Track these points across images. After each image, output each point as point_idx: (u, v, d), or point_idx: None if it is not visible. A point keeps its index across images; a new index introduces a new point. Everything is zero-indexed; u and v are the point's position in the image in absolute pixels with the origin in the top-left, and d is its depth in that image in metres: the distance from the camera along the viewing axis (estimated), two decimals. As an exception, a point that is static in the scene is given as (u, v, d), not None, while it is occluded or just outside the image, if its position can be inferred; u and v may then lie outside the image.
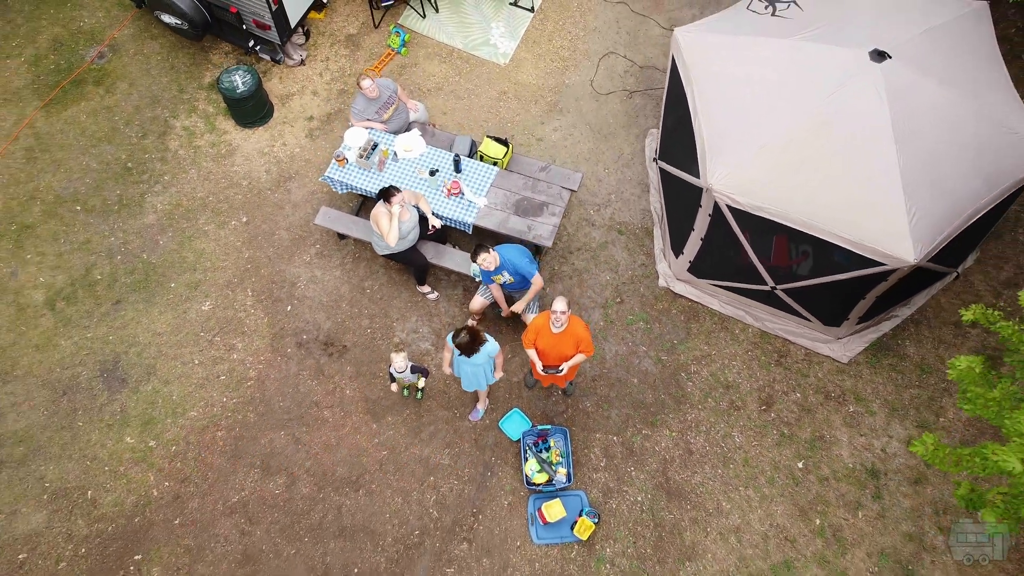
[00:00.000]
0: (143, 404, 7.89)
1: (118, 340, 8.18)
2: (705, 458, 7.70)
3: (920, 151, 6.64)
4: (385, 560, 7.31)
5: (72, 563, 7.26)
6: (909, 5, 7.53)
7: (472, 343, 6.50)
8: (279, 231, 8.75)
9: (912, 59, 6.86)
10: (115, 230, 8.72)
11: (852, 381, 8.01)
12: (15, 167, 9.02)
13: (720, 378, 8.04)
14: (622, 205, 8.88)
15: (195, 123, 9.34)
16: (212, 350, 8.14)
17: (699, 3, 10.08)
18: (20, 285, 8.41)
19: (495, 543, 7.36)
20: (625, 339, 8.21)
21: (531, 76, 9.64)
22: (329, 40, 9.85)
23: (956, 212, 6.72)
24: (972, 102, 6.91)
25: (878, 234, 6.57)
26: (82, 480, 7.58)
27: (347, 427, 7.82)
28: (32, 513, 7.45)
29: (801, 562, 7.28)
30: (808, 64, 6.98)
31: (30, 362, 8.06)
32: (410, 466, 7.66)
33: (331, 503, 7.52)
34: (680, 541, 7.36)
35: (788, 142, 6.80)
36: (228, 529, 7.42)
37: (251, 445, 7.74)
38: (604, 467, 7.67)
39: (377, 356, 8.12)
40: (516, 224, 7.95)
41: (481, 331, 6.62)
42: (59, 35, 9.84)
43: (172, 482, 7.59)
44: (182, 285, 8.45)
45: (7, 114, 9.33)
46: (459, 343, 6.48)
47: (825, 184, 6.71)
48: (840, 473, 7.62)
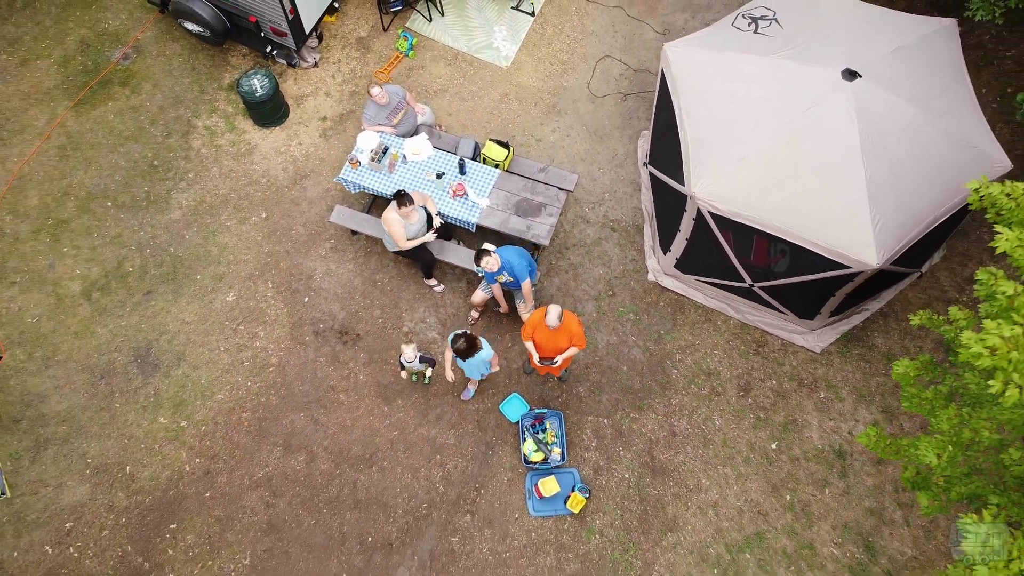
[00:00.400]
0: (174, 387, 8.63)
1: (150, 328, 8.89)
2: (687, 439, 8.45)
3: (886, 164, 7.27)
4: (396, 530, 8.10)
5: (114, 531, 8.06)
6: (881, 23, 8.11)
7: (469, 350, 7.21)
8: (296, 226, 9.41)
9: (881, 78, 7.45)
10: (144, 225, 9.39)
11: (824, 369, 8.73)
12: (49, 165, 9.66)
13: (703, 366, 8.76)
14: (615, 203, 9.53)
15: (216, 123, 9.96)
16: (236, 338, 8.86)
17: (691, 8, 10.62)
18: (58, 276, 9.11)
19: (495, 515, 8.14)
20: (616, 329, 8.92)
21: (531, 79, 10.22)
22: (341, 43, 10.42)
23: (917, 220, 7.38)
24: (936, 119, 7.52)
25: (845, 240, 7.23)
26: (121, 456, 8.35)
27: (361, 409, 8.57)
28: (76, 486, 8.23)
29: (772, 534, 8.06)
30: (786, 81, 7.58)
31: (70, 348, 8.78)
32: (418, 445, 8.42)
33: (347, 478, 8.29)
34: (663, 514, 8.14)
35: (766, 154, 7.43)
36: (254, 501, 8.20)
37: (274, 425, 8.50)
38: (595, 447, 8.43)
39: (388, 344, 8.84)
40: (516, 224, 8.61)
41: (478, 338, 7.31)
42: (85, 36, 10.40)
43: (202, 459, 8.36)
44: (207, 277, 9.14)
45: (39, 113, 9.94)
46: (456, 349, 7.19)
47: (799, 194, 7.36)
48: (810, 453, 8.37)
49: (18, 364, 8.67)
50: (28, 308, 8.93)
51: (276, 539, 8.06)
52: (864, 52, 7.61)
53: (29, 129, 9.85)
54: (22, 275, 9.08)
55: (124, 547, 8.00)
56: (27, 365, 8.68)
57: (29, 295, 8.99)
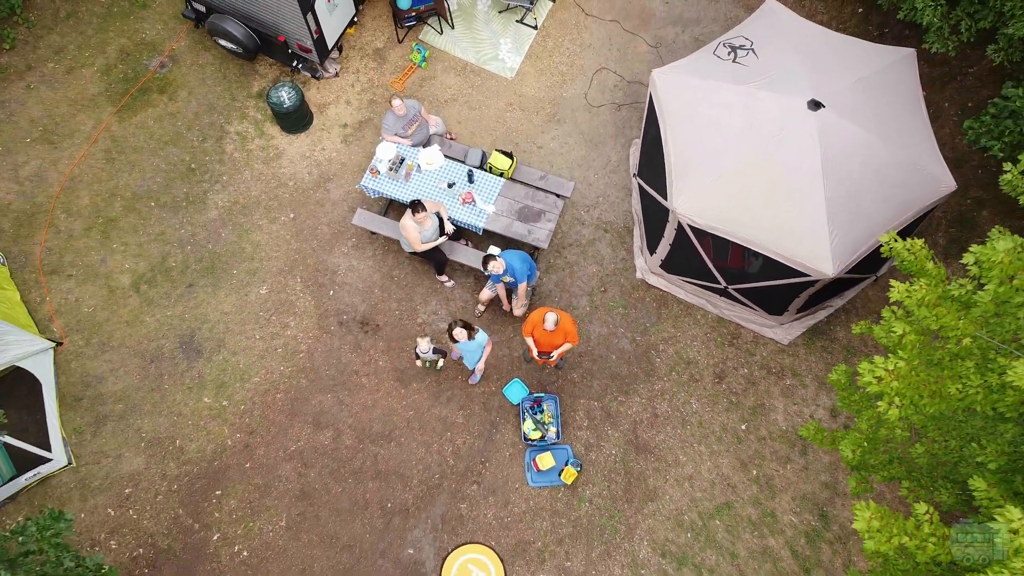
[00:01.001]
0: (216, 371, 9.79)
1: (192, 318, 10.02)
2: (668, 420, 9.62)
3: (844, 186, 8.29)
4: (412, 497, 9.31)
5: (167, 496, 9.29)
6: (847, 53, 9.05)
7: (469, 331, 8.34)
8: (321, 226, 10.47)
9: (843, 109, 8.42)
10: (184, 223, 10.46)
11: (790, 359, 9.86)
12: (97, 167, 10.68)
13: (683, 355, 9.89)
14: (608, 207, 10.56)
15: (246, 129, 10.95)
16: (269, 327, 9.99)
17: (681, 22, 11.51)
18: (109, 270, 10.20)
19: (498, 485, 9.35)
20: (607, 322, 10.03)
21: (534, 89, 11.17)
22: (359, 54, 11.35)
23: (870, 235, 8.42)
24: (891, 144, 8.51)
25: (806, 252, 8.29)
26: (171, 431, 9.54)
27: (381, 391, 9.73)
28: (133, 457, 9.43)
29: (739, 503, 9.27)
30: (758, 109, 8.55)
31: (123, 335, 9.92)
32: (431, 424, 9.60)
33: (369, 452, 9.48)
34: (645, 486, 9.34)
35: (739, 174, 8.44)
36: (288, 471, 9.41)
37: (304, 405, 9.67)
38: (586, 426, 9.60)
39: (404, 333, 9.97)
40: (518, 229, 9.67)
41: (473, 325, 8.42)
42: (125, 46, 11.34)
43: (242, 434, 9.55)
44: (242, 272, 10.24)
45: (86, 119, 10.94)
46: (456, 335, 8.29)
47: (767, 210, 8.39)
48: (775, 434, 9.54)
49: (77, 349, 9.82)
50: (84, 299, 10.05)
51: (308, 504, 9.29)
52: (828, 84, 8.56)
53: (77, 133, 10.85)
54: (77, 269, 10.17)
55: (176, 510, 9.24)
56: (85, 350, 9.83)
57: (84, 287, 10.10)
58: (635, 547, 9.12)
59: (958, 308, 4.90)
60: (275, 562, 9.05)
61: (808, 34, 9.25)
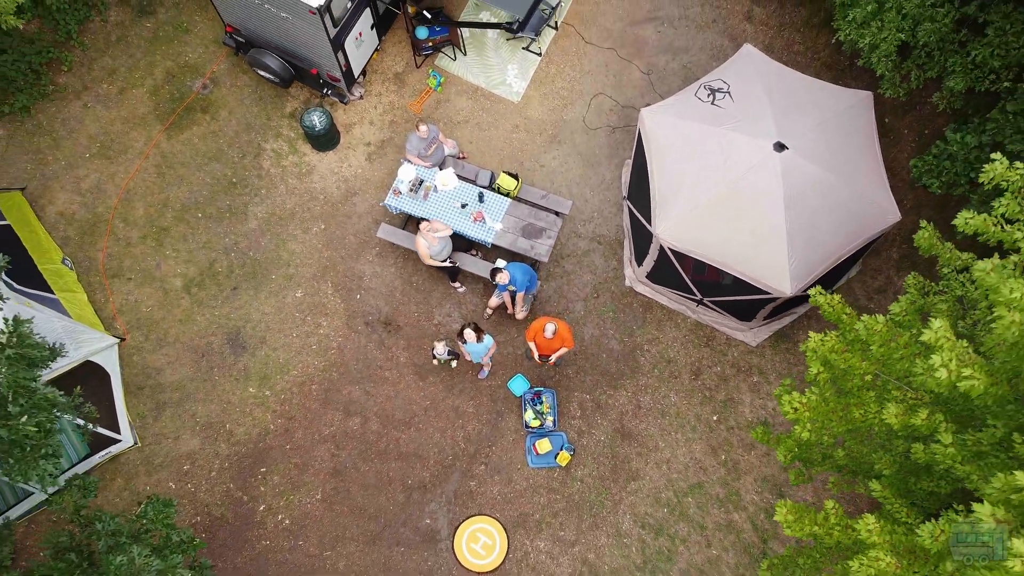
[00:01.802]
0: (259, 364, 11.29)
1: (237, 317, 11.49)
2: (649, 411, 11.13)
3: (803, 217, 9.65)
4: (429, 475, 10.88)
5: (220, 472, 10.86)
6: (811, 98, 10.33)
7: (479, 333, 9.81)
8: (348, 236, 11.87)
9: (805, 150, 9.73)
10: (228, 233, 11.86)
11: (758, 359, 11.33)
12: (149, 181, 12.05)
13: (664, 355, 11.36)
14: (602, 221, 11.94)
15: (281, 146, 12.28)
16: (304, 326, 11.46)
17: (672, 50, 12.73)
18: (164, 275, 11.64)
19: (503, 465, 10.91)
20: (598, 324, 11.48)
21: (537, 112, 12.47)
22: (381, 77, 12.62)
23: (825, 259, 9.82)
24: (846, 181, 9.84)
25: (768, 274, 9.70)
26: (221, 417, 11.08)
27: (402, 384, 11.23)
28: (190, 439, 10.99)
29: (709, 483, 10.82)
30: (731, 149, 9.87)
31: (177, 332, 11.40)
32: (446, 412, 11.12)
33: (392, 436, 11.02)
34: (628, 468, 10.89)
35: (712, 206, 9.80)
36: (323, 452, 10.97)
37: (336, 395, 11.18)
38: (579, 416, 11.12)
39: (422, 333, 11.44)
40: (523, 244, 11.07)
41: (482, 328, 9.88)
42: (170, 68, 12.61)
43: (283, 420, 11.09)
44: (280, 277, 11.67)
45: (138, 136, 12.27)
46: (466, 335, 9.76)
47: (736, 237, 9.77)
48: (742, 424, 11.05)
49: (138, 344, 11.31)
50: (142, 300, 11.51)
51: (340, 480, 10.87)
52: (793, 127, 9.86)
53: (131, 149, 12.19)
54: (136, 273, 11.61)
55: (228, 484, 10.83)
56: (145, 345, 11.32)
57: (142, 289, 11.55)
58: (619, 519, 10.71)
59: (861, 350, 6.34)
60: (313, 529, 10.67)
61: (779, 77, 10.52)
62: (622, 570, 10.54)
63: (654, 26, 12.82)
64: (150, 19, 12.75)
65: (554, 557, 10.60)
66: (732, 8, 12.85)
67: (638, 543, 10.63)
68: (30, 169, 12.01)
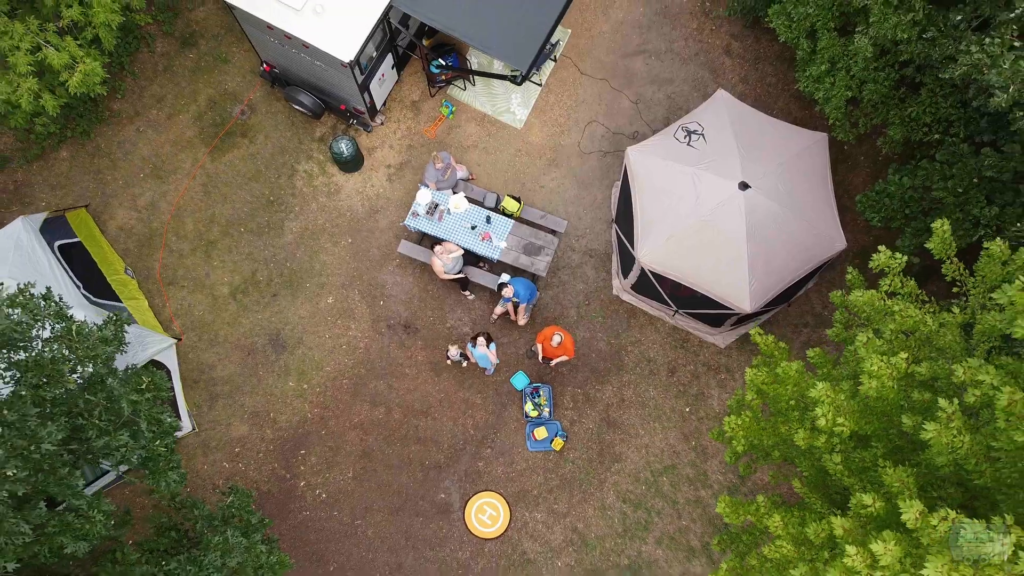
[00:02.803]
0: (297, 362, 13.15)
1: (277, 320, 13.31)
2: (631, 404, 13.02)
3: (762, 247, 11.39)
4: (443, 457, 12.82)
5: (266, 454, 12.80)
6: (774, 139, 11.97)
7: (489, 341, 11.66)
8: (372, 249, 13.62)
9: (765, 189, 11.41)
10: (267, 246, 13.61)
11: (725, 359, 13.18)
12: (197, 199, 13.76)
13: (645, 355, 13.21)
14: (593, 237, 13.68)
15: (311, 168, 13.96)
16: (335, 329, 13.29)
17: (658, 81, 14.30)
18: (212, 283, 13.43)
19: (506, 449, 12.84)
20: (589, 328, 13.31)
21: (538, 137, 14.10)
22: (399, 105, 14.22)
23: (779, 283, 11.59)
24: (800, 215, 11.54)
25: (731, 294, 11.47)
26: (266, 406, 12.98)
27: (419, 379, 13.11)
28: (239, 425, 12.90)
29: (681, 465, 12.77)
30: (702, 187, 11.55)
31: (226, 333, 13.24)
32: (457, 403, 13.02)
33: (411, 424, 12.94)
34: (613, 452, 12.82)
35: (685, 235, 11.52)
36: (353, 437, 12.89)
37: (363, 388, 13.06)
38: (572, 408, 13.01)
39: (437, 335, 13.26)
40: (524, 261, 12.83)
41: (492, 337, 11.74)
42: (212, 95, 14.21)
43: (319, 409, 12.99)
44: (314, 285, 13.46)
45: (185, 158, 13.93)
46: (476, 341, 11.61)
47: (705, 262, 11.52)
48: (710, 415, 12.95)
49: (193, 344, 13.16)
50: (195, 305, 13.32)
51: (367, 461, 12.81)
52: (755, 169, 11.52)
53: (179, 170, 13.87)
54: (189, 281, 13.40)
55: (273, 464, 12.78)
56: (198, 344, 13.17)
57: (195, 295, 13.35)
58: (604, 495, 12.68)
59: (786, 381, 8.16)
60: (346, 502, 12.66)
61: (747, 121, 12.15)
62: (606, 537, 12.56)
63: (643, 58, 14.38)
64: (192, 50, 14.30)
65: (549, 526, 12.61)
66: (712, 43, 14.39)
67: (620, 515, 12.61)
68: (92, 188, 13.71)
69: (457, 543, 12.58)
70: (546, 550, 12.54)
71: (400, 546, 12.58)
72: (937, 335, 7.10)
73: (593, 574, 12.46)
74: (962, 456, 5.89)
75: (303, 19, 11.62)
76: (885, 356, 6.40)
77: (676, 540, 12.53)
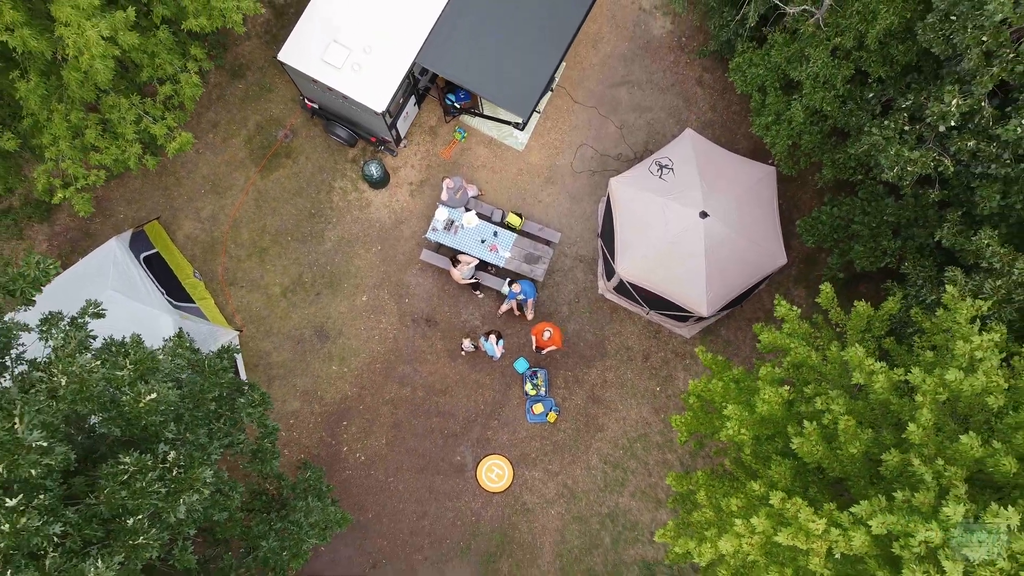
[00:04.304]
0: (339, 350, 16.02)
1: (321, 316, 16.12)
2: (612, 384, 15.94)
3: (717, 265, 14.10)
4: (459, 427, 15.81)
5: (315, 425, 15.79)
6: (731, 172, 14.55)
7: (498, 337, 14.54)
8: (398, 255, 16.34)
9: (722, 217, 14.04)
10: (310, 252, 16.32)
11: (690, 347, 16.04)
12: (250, 212, 16.40)
13: (624, 344, 16.07)
14: (583, 244, 16.38)
15: (345, 185, 16.55)
16: (369, 322, 16.11)
17: (639, 109, 16.76)
18: (266, 283, 16.19)
19: (510, 420, 15.82)
20: (578, 321, 16.13)
21: (537, 159, 16.65)
22: (419, 130, 16.72)
23: (731, 292, 14.35)
24: (750, 238, 14.21)
25: (693, 302, 14.25)
26: (314, 386, 15.90)
27: (439, 364, 16.00)
28: (293, 401, 15.85)
29: (651, 434, 15.78)
30: (670, 214, 14.19)
31: (279, 326, 16.06)
32: (470, 384, 15.94)
33: (432, 401, 15.89)
34: (596, 423, 15.81)
35: (656, 254, 14.23)
36: (385, 411, 15.86)
37: (393, 371, 15.97)
38: (563, 387, 15.95)
39: (452, 327, 16.09)
40: (525, 268, 15.57)
41: (501, 334, 14.59)
42: (259, 121, 16.69)
43: (357, 389, 15.92)
44: (350, 286, 16.22)
45: (239, 176, 16.51)
46: (489, 334, 14.49)
47: (672, 276, 14.26)
48: (677, 393, 15.88)
49: (252, 335, 16.00)
50: (253, 302, 16.11)
51: (397, 431, 15.81)
52: (714, 199, 14.13)
53: (235, 187, 16.47)
54: (246, 282, 16.16)
55: (321, 433, 15.78)
56: (256, 335, 16.01)
57: (252, 294, 16.13)
58: (589, 458, 15.72)
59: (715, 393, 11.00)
60: (380, 463, 15.71)
61: (710, 155, 14.71)
62: (590, 491, 15.65)
63: (627, 88, 16.81)
64: (241, 81, 16.73)
65: (544, 482, 15.68)
66: (687, 74, 16.80)
67: (602, 473, 15.67)
68: (161, 202, 16.35)
69: (470, 496, 15.68)
70: (542, 501, 15.64)
71: (425, 498, 15.69)
72: (822, 366, 9.92)
73: (580, 520, 15.60)
74: (819, 458, 8.79)
75: (343, 75, 14.08)
76: (774, 387, 9.24)
77: (646, 494, 15.62)
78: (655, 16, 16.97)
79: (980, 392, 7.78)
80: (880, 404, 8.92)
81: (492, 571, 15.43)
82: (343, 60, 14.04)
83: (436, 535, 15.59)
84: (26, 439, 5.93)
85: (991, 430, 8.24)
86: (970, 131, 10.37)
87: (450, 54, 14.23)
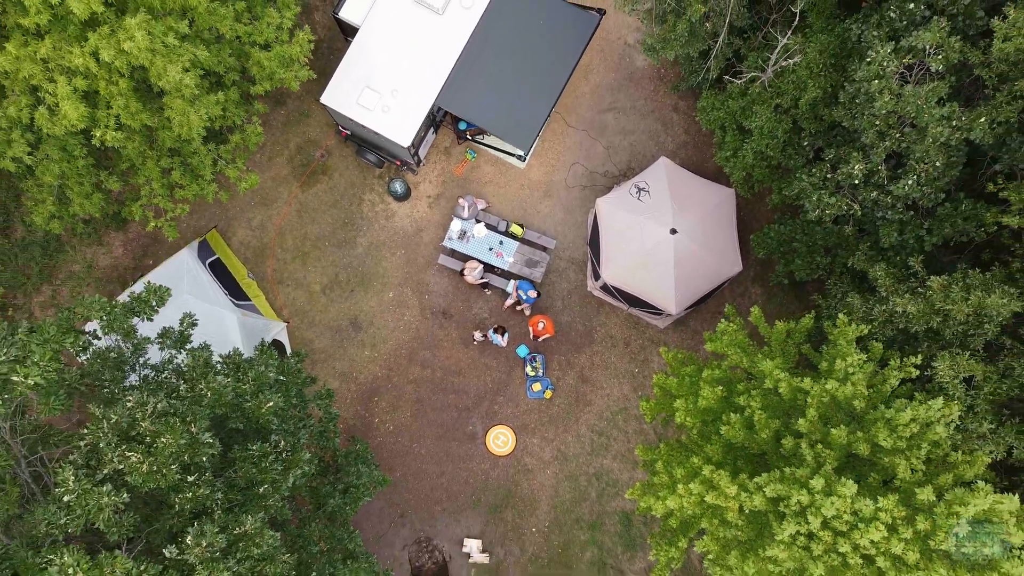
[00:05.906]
0: (370, 338, 19.17)
1: (355, 309, 19.23)
2: (598, 367, 19.14)
3: (684, 273, 17.14)
4: (471, 402, 19.06)
5: (351, 401, 19.03)
6: (696, 196, 17.49)
7: (503, 331, 17.71)
8: (418, 259, 19.37)
9: (689, 233, 17.03)
10: (344, 255, 19.35)
11: (664, 336, 19.19)
12: (293, 222, 19.38)
13: (609, 333, 19.22)
14: (575, 249, 19.41)
15: (373, 198, 19.50)
16: (395, 315, 19.23)
17: (624, 132, 19.61)
18: (308, 282, 19.26)
19: (513, 397, 19.06)
20: (570, 314, 19.25)
21: (537, 175, 19.56)
22: (435, 150, 19.60)
23: (696, 295, 17.44)
24: (712, 251, 17.22)
25: (665, 302, 17.35)
26: (350, 369, 19.10)
27: (454, 350, 19.17)
28: (332, 380, 19.06)
29: (631, 408, 19.03)
30: (645, 231, 17.18)
31: (320, 319, 19.19)
32: (479, 366, 19.13)
33: (449, 380, 19.10)
34: (585, 399, 19.06)
35: (634, 263, 17.25)
36: (409, 389, 19.09)
37: (416, 356, 19.15)
38: (558, 369, 19.15)
39: (465, 319, 19.21)
40: (525, 271, 18.63)
41: (506, 329, 17.74)
42: (299, 142, 19.56)
43: (385, 370, 19.12)
44: (379, 284, 19.30)
45: (283, 190, 19.44)
46: (496, 329, 17.65)
47: (647, 281, 17.32)
48: (652, 373, 19.07)
49: (297, 326, 19.14)
50: (298, 298, 19.21)
51: (419, 405, 19.06)
52: (683, 218, 17.10)
53: (279, 199, 19.42)
54: (292, 281, 19.23)
55: (356, 407, 19.04)
56: (301, 327, 19.15)
57: (297, 292, 19.22)
58: (579, 428, 19.01)
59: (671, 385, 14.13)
60: (406, 433, 19.01)
61: (680, 179, 17.64)
62: (580, 455, 18.98)
63: (613, 114, 19.65)
64: (283, 107, 19.57)
65: (542, 448, 19.00)
66: (664, 102, 19.63)
67: (589, 440, 18.98)
68: (218, 213, 19.33)
69: (480, 459, 19.01)
70: (540, 463, 18.98)
71: (442, 460, 19.02)
72: (752, 368, 13.06)
73: (571, 478, 18.96)
74: (742, 440, 11.99)
75: (375, 115, 16.94)
76: (712, 386, 12.38)
77: (625, 457, 18.95)
78: (638, 50, 19.70)
79: (850, 397, 10.93)
80: (788, 401, 12.09)
81: (498, 519, 18.84)
82: (375, 103, 16.89)
83: (452, 491, 18.97)
84: (200, 437, 9.04)
85: (860, 422, 11.41)
86: (872, 185, 13.33)
87: (464, 97, 17.08)
